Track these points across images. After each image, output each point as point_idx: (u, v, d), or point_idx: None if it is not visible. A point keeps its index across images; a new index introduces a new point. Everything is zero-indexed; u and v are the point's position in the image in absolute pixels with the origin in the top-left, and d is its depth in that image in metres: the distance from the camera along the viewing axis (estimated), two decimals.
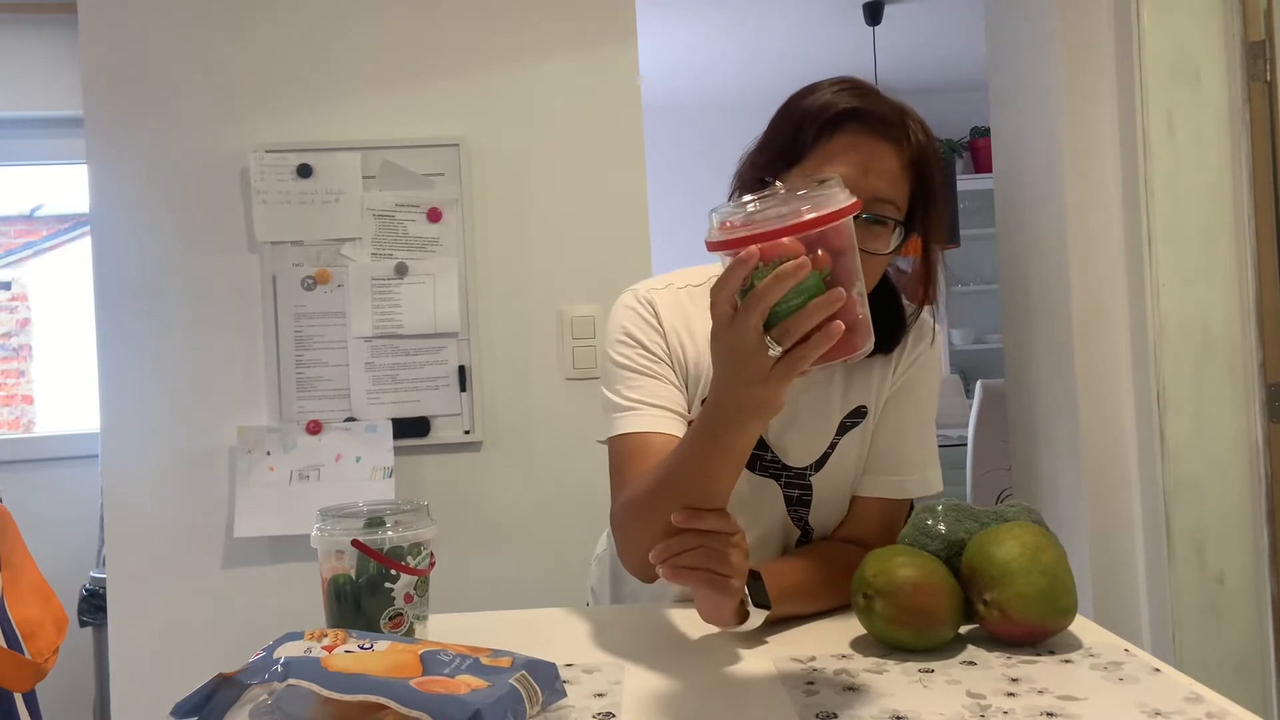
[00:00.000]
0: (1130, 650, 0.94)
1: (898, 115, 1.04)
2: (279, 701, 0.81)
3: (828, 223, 0.75)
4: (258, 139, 2.14)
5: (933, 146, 1.07)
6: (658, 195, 2.29)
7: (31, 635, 1.20)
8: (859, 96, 1.04)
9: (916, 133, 1.05)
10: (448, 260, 2.15)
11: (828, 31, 4.24)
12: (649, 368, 1.13)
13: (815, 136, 1.03)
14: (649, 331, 1.15)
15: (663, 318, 1.16)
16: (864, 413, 1.19)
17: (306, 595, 1.84)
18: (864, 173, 1.01)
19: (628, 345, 1.15)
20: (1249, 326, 1.94)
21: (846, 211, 0.76)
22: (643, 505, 0.98)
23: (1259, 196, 1.93)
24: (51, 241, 3.54)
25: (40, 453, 3.06)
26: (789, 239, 0.74)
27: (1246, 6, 1.94)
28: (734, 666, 0.95)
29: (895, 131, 1.03)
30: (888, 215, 1.03)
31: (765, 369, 0.77)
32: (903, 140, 1.04)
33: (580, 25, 2.19)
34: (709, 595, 0.95)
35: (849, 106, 1.03)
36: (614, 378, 1.15)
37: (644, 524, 0.96)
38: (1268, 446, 1.92)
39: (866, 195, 0.99)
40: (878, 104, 1.04)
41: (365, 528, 0.98)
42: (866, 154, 1.02)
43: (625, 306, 1.19)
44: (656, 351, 1.14)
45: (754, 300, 0.75)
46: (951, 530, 1.03)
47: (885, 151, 1.03)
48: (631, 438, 1.09)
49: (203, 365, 2.13)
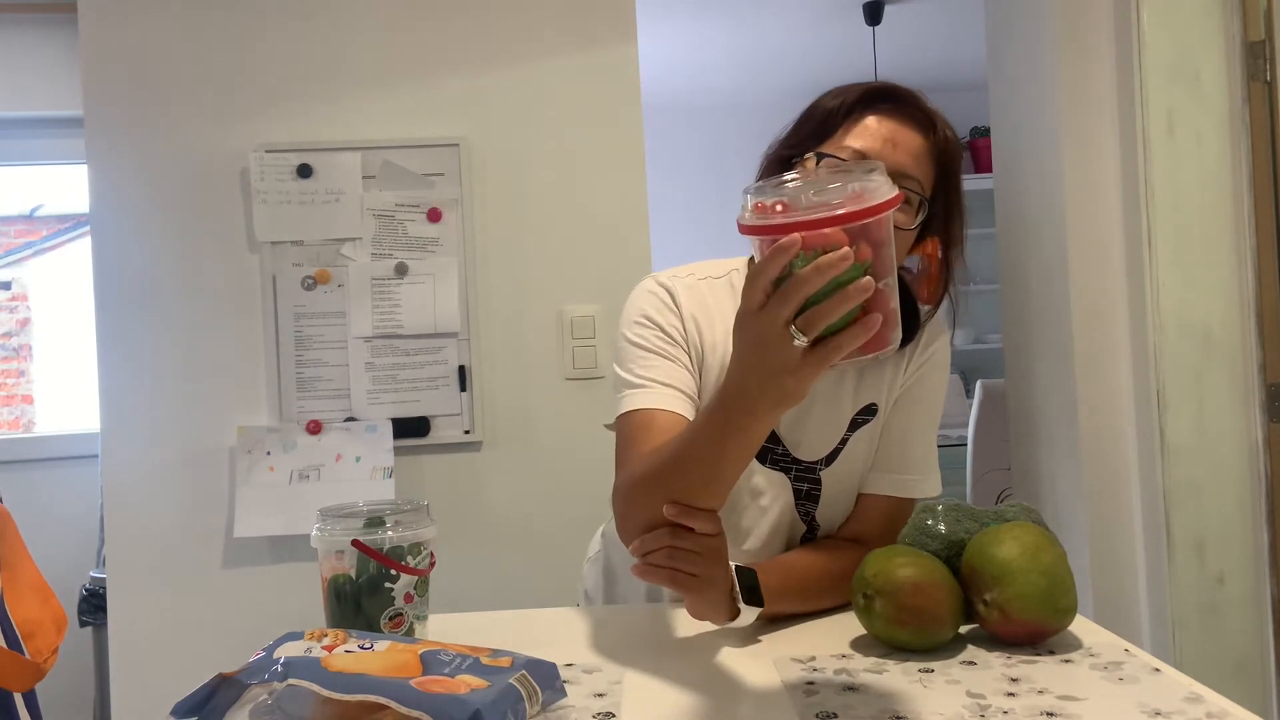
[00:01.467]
0: (1130, 650, 0.94)
1: (928, 110, 1.09)
2: (279, 701, 0.81)
3: (874, 214, 0.72)
4: (258, 139, 2.14)
5: (959, 150, 1.11)
6: (658, 195, 2.29)
7: (31, 635, 1.20)
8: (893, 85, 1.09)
9: (944, 128, 1.09)
10: (448, 260, 2.15)
11: (828, 31, 4.23)
12: (664, 349, 1.13)
13: (846, 114, 1.07)
14: (667, 315, 1.16)
15: (681, 304, 1.16)
16: (874, 410, 1.19)
17: (306, 595, 1.84)
18: (892, 148, 1.05)
19: (644, 326, 1.15)
20: (1249, 326, 1.94)
21: (892, 204, 0.73)
22: (649, 482, 0.96)
23: (1259, 196, 1.93)
24: (51, 241, 3.54)
25: (40, 453, 3.06)
26: (833, 229, 0.71)
27: (1246, 6, 1.94)
28: (734, 666, 0.95)
29: (924, 119, 1.07)
30: (911, 189, 1.05)
31: (795, 359, 0.75)
32: (930, 129, 1.08)
33: (580, 25, 2.19)
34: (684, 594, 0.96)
35: (883, 89, 1.08)
36: (628, 356, 1.14)
37: (647, 501, 0.95)
38: (1268, 446, 1.92)
39: (893, 168, 0.98)
40: (911, 95, 1.09)
41: (365, 528, 0.98)
42: (894, 130, 1.06)
43: (645, 291, 1.19)
44: (673, 334, 1.14)
45: (793, 289, 0.72)
46: (951, 530, 1.03)
47: (913, 133, 1.06)
48: (640, 414, 1.09)
49: (203, 365, 2.13)
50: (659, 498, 0.93)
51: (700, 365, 1.15)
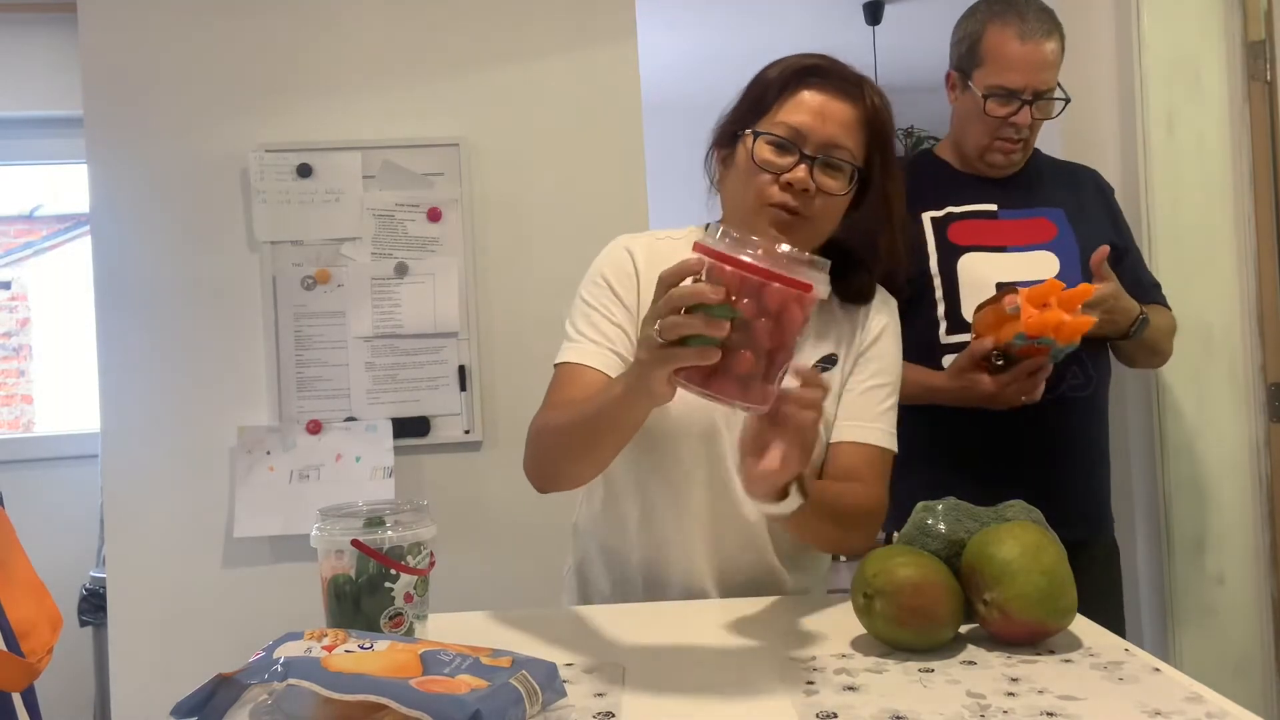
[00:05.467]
0: (1130, 650, 0.94)
1: (856, 79, 1.15)
2: (279, 701, 0.81)
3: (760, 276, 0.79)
4: (258, 139, 2.14)
5: (889, 113, 1.16)
6: (658, 195, 2.29)
7: (26, 635, 1.20)
8: (821, 59, 1.16)
9: (873, 96, 1.15)
10: (448, 260, 2.15)
11: (828, 31, 4.23)
12: (609, 309, 1.20)
13: (780, 91, 1.14)
14: (623, 278, 1.22)
15: (640, 266, 1.22)
16: (835, 360, 1.21)
17: (306, 595, 1.83)
18: (822, 121, 1.12)
19: (597, 286, 1.23)
20: (1249, 326, 1.94)
21: (790, 286, 0.80)
22: (553, 431, 1.11)
23: (1259, 196, 1.93)
24: (51, 241, 3.54)
25: (40, 453, 3.05)
26: (731, 269, 0.80)
27: (1246, 6, 1.94)
28: (734, 666, 0.95)
29: (853, 89, 1.14)
30: (843, 159, 1.13)
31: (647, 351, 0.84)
32: (859, 99, 1.14)
33: (580, 25, 2.19)
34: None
35: (812, 64, 1.15)
36: (576, 311, 1.23)
37: (550, 445, 1.12)
38: (1268, 446, 1.92)
39: (824, 139, 1.11)
40: (838, 67, 1.16)
41: (365, 527, 0.98)
42: (824, 103, 1.13)
43: (608, 252, 1.26)
44: (622, 296, 1.21)
45: (671, 296, 0.83)
46: (951, 530, 1.03)
47: (842, 105, 1.13)
48: (570, 367, 1.18)
49: (203, 365, 2.13)
50: (558, 448, 1.10)
51: None
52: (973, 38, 1.61)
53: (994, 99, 1.57)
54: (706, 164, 1.27)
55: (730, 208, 1.21)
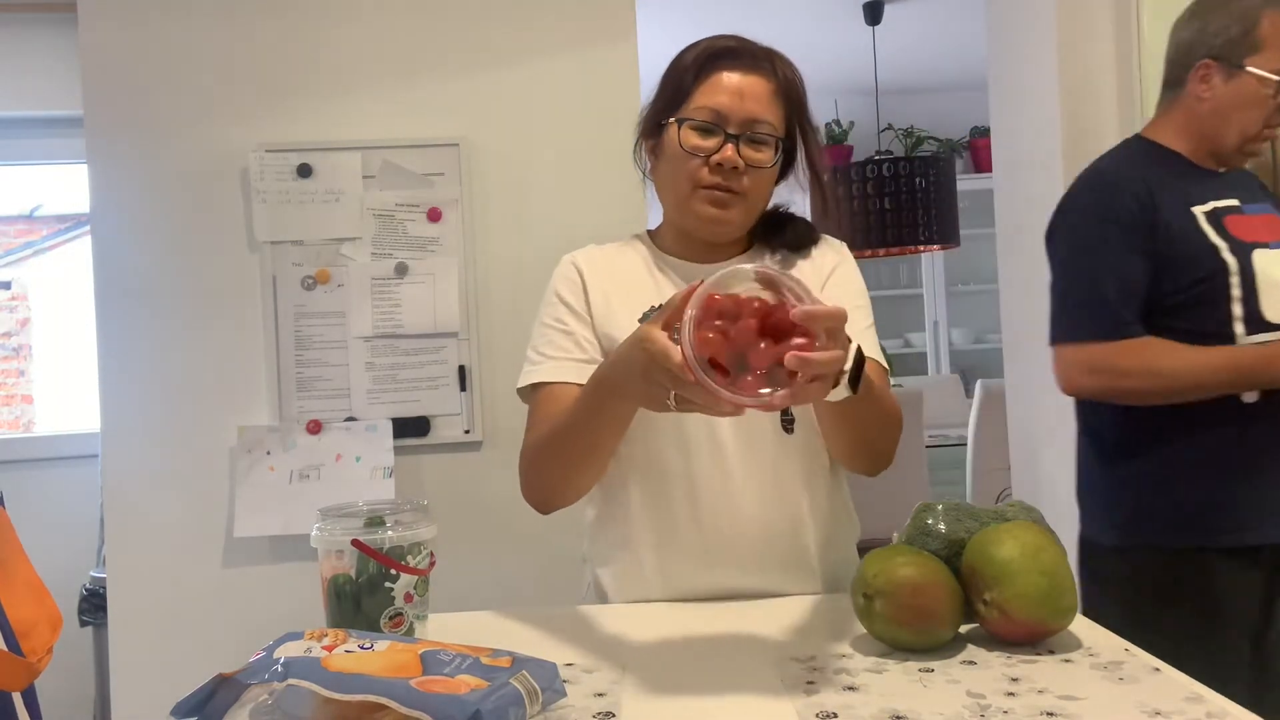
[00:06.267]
0: (1130, 650, 0.94)
1: (765, 53, 1.22)
2: (279, 701, 0.81)
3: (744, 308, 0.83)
4: (258, 139, 2.14)
5: (800, 80, 1.22)
6: None
7: (26, 634, 1.20)
8: (730, 39, 1.22)
9: (784, 69, 1.21)
10: (448, 260, 2.15)
11: (828, 31, 4.23)
12: (566, 324, 1.24)
13: (696, 76, 1.19)
14: (572, 287, 1.26)
15: (587, 278, 1.26)
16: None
17: (306, 595, 1.83)
18: (740, 99, 1.17)
19: (551, 305, 1.27)
20: None
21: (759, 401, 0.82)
22: (544, 450, 1.15)
23: None
24: (51, 241, 3.54)
25: (40, 453, 3.05)
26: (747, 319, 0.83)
27: None
28: (734, 666, 0.95)
29: (764, 65, 1.20)
30: (765, 134, 1.17)
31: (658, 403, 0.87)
32: (772, 73, 1.19)
33: (580, 25, 2.19)
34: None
35: (723, 46, 1.21)
36: (536, 333, 1.27)
37: (542, 466, 1.17)
38: None
39: (745, 117, 1.16)
40: (748, 45, 1.22)
41: (365, 527, 0.98)
42: (740, 82, 1.18)
43: (556, 273, 1.30)
44: (576, 308, 1.25)
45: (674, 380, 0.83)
46: (951, 530, 1.03)
47: (756, 81, 1.18)
48: (542, 387, 1.22)
49: (203, 365, 2.13)
50: (553, 463, 1.14)
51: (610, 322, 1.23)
52: (1246, 24, 1.54)
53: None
54: (636, 157, 1.30)
55: (665, 195, 1.25)
